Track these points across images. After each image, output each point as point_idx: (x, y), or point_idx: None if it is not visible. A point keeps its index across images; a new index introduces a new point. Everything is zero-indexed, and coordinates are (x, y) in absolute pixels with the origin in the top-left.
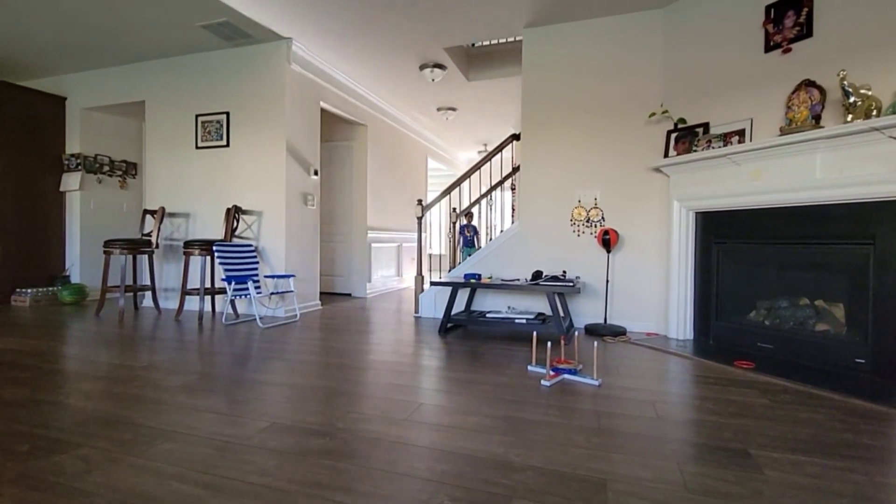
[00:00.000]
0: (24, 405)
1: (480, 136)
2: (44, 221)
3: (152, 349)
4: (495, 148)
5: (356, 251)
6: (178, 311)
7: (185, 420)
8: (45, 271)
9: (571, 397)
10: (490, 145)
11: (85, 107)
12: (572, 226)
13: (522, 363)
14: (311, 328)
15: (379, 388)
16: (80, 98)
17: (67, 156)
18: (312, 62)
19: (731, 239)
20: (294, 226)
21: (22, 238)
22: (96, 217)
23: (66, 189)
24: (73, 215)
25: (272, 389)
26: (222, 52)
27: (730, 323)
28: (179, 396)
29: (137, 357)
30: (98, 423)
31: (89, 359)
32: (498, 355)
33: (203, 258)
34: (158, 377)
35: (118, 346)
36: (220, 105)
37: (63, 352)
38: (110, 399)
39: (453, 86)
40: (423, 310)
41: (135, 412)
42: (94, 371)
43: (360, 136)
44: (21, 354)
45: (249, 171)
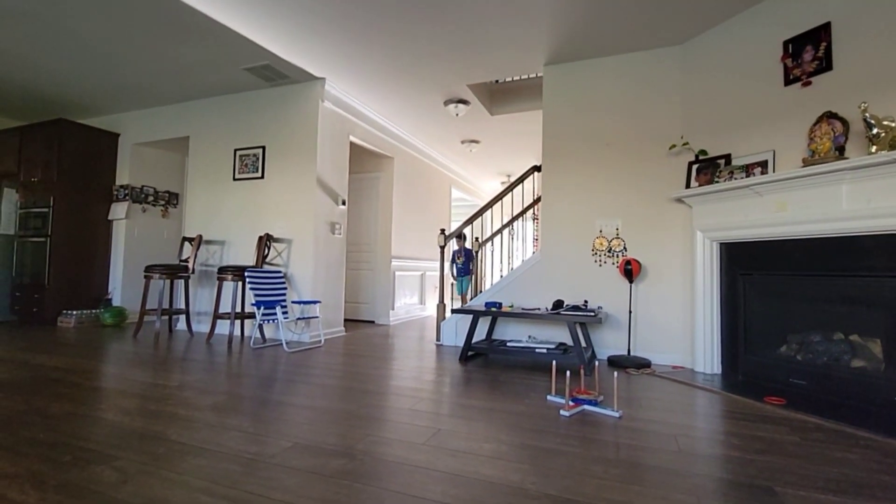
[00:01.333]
0: (67, 419)
1: (503, 167)
2: (92, 248)
3: (185, 370)
4: (517, 179)
5: (380, 279)
6: (210, 335)
7: (214, 437)
8: (90, 294)
9: (591, 428)
10: (513, 176)
11: (135, 142)
12: (594, 255)
13: (542, 393)
14: (334, 353)
15: (399, 413)
16: (132, 134)
17: (117, 187)
18: (343, 99)
19: (757, 270)
20: (321, 253)
21: (71, 264)
22: (139, 244)
23: (113, 218)
24: (118, 242)
25: (295, 411)
26: (261, 91)
27: (760, 357)
28: (209, 415)
29: (171, 377)
30: (133, 437)
31: (127, 377)
32: (518, 384)
33: (235, 283)
34: (190, 396)
35: (153, 367)
36: (256, 140)
37: (103, 370)
38: (145, 415)
39: (477, 119)
40: (444, 338)
41: (168, 428)
42: (130, 389)
43: (386, 168)
44: (65, 372)
45: (281, 201)
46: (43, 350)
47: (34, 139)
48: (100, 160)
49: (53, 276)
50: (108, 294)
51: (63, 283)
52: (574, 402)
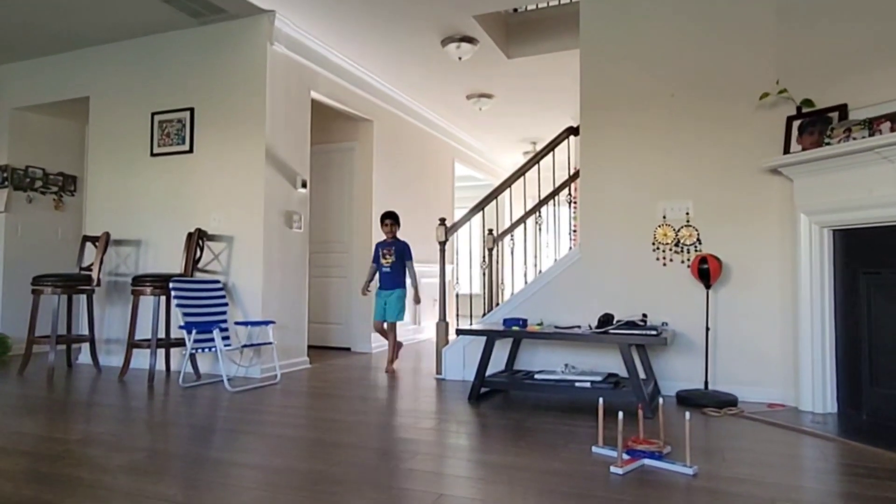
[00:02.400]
0: None
1: (526, 131)
2: None
3: (89, 418)
4: (545, 147)
5: (357, 290)
6: (124, 370)
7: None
8: None
9: (653, 490)
10: (542, 143)
11: (16, 106)
12: (655, 251)
13: (586, 442)
14: (296, 393)
15: (386, 475)
16: (11, 95)
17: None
18: (301, 40)
19: (887, 267)
20: (274, 255)
21: None
22: (23, 246)
23: None
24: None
25: (245, 473)
26: (186, 32)
27: (892, 390)
28: (122, 479)
29: (71, 428)
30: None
31: (9, 429)
32: (551, 431)
33: (156, 299)
34: (97, 454)
35: (46, 414)
36: (182, 100)
37: None
38: (35, 481)
39: (488, 66)
40: (447, 369)
41: (66, 498)
42: (14, 445)
43: (364, 136)
44: None
45: (218, 184)
46: None
47: None
48: None
49: None
50: None
51: None
52: (630, 455)
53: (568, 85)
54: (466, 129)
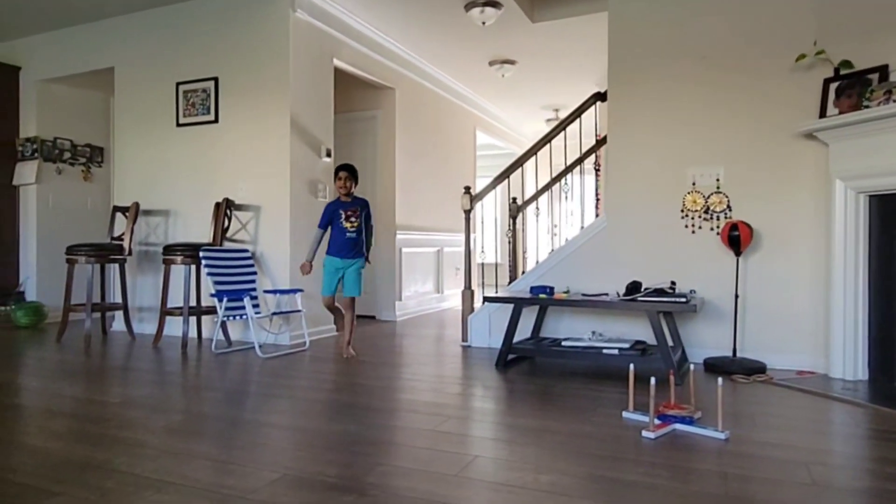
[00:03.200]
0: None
1: (550, 98)
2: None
3: (128, 383)
4: (571, 114)
5: (381, 259)
6: (157, 337)
7: (175, 467)
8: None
9: (686, 454)
10: (564, 111)
11: (42, 78)
12: (684, 218)
13: (615, 408)
14: (324, 359)
15: (418, 436)
16: (37, 67)
17: (22, 140)
18: (324, 7)
19: None
20: (301, 224)
21: None
22: (56, 217)
23: (20, 182)
24: (27, 215)
25: (280, 433)
26: (209, 0)
27: None
28: (166, 439)
29: (111, 392)
30: (73, 467)
31: (55, 393)
32: (579, 396)
33: (187, 268)
34: (138, 416)
35: (87, 379)
36: (206, 69)
37: (23, 385)
38: (84, 440)
39: (512, 30)
40: (473, 336)
41: (114, 456)
42: (61, 407)
43: (386, 104)
44: None
45: (244, 154)
46: None
47: None
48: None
49: None
50: (20, 285)
51: None
52: (661, 420)
53: (593, 49)
54: (488, 97)
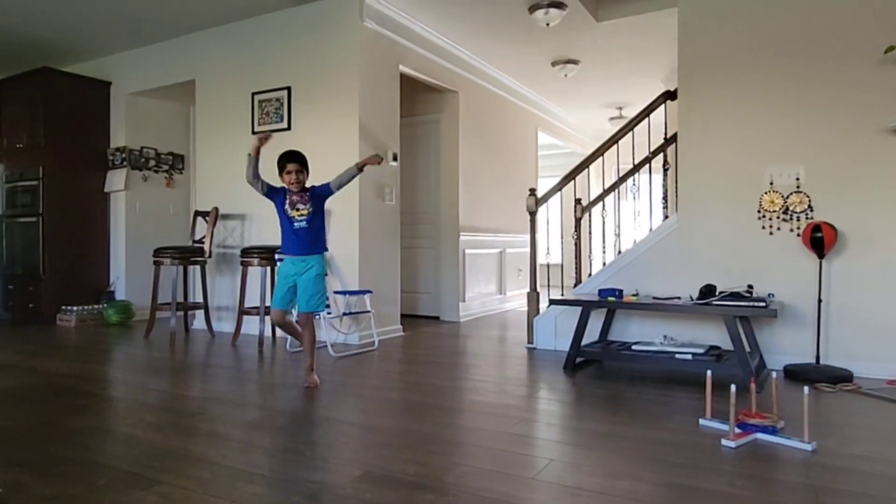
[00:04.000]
0: (92, 434)
1: (613, 96)
2: (89, 228)
3: (213, 379)
4: (641, 112)
5: (445, 260)
6: (236, 335)
7: (265, 461)
8: (90, 286)
9: (770, 465)
10: (628, 109)
11: (130, 91)
12: (761, 219)
13: (690, 414)
14: (393, 359)
15: (492, 438)
16: (126, 81)
17: (112, 150)
18: (390, 15)
19: None
20: (369, 227)
21: (68, 248)
22: (142, 221)
23: (110, 189)
24: (117, 220)
25: (358, 431)
26: (283, 13)
27: None
28: (252, 433)
29: (198, 387)
30: (171, 458)
31: (148, 387)
32: (652, 402)
33: (263, 269)
34: (225, 411)
35: (175, 375)
36: (279, 79)
37: (119, 379)
38: (179, 433)
39: (575, 30)
40: (539, 338)
41: (208, 448)
42: (155, 401)
43: (449, 107)
44: (78, 380)
45: (315, 159)
46: (48, 354)
47: (16, 95)
48: (90, 117)
49: (49, 265)
50: (111, 285)
51: (60, 273)
52: (742, 428)
53: (659, 45)
54: (550, 97)
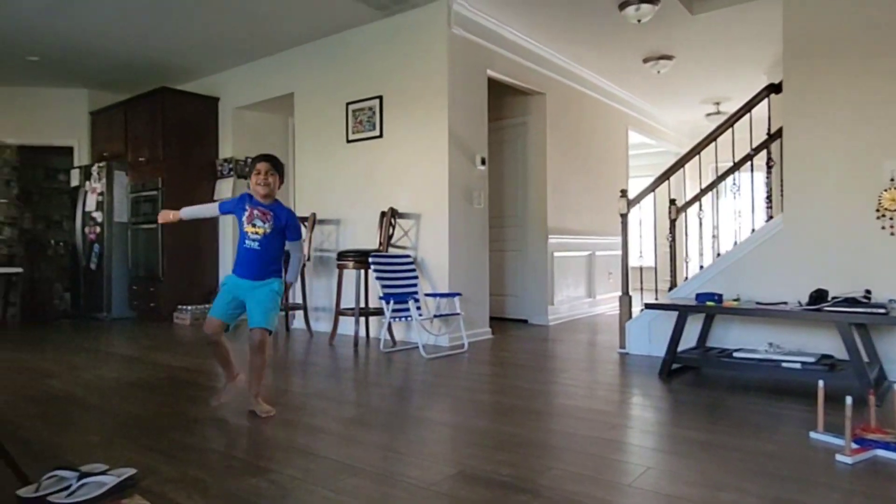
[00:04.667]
0: (209, 424)
1: (710, 90)
2: (200, 234)
3: (313, 376)
4: (742, 107)
5: (533, 263)
6: (332, 335)
7: (364, 455)
8: (202, 288)
9: (892, 484)
10: (726, 104)
11: (236, 106)
12: (880, 219)
13: (800, 426)
14: (483, 361)
15: (585, 442)
16: (232, 96)
17: (221, 161)
18: (478, 21)
19: None
20: (458, 231)
21: (183, 253)
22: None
23: (219, 197)
24: (225, 226)
25: (450, 431)
26: (373, 25)
27: None
28: (352, 429)
29: (301, 384)
30: (278, 448)
31: None
32: (755, 412)
33: (358, 272)
34: (326, 407)
35: (279, 371)
36: (371, 89)
37: None
38: (284, 425)
39: (669, 25)
40: (631, 343)
41: (311, 441)
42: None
43: (536, 110)
44: (194, 374)
45: (404, 165)
46: (167, 349)
47: (138, 114)
48: (201, 130)
49: (167, 268)
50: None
51: (177, 276)
52: (859, 444)
53: (760, 36)
54: (641, 95)
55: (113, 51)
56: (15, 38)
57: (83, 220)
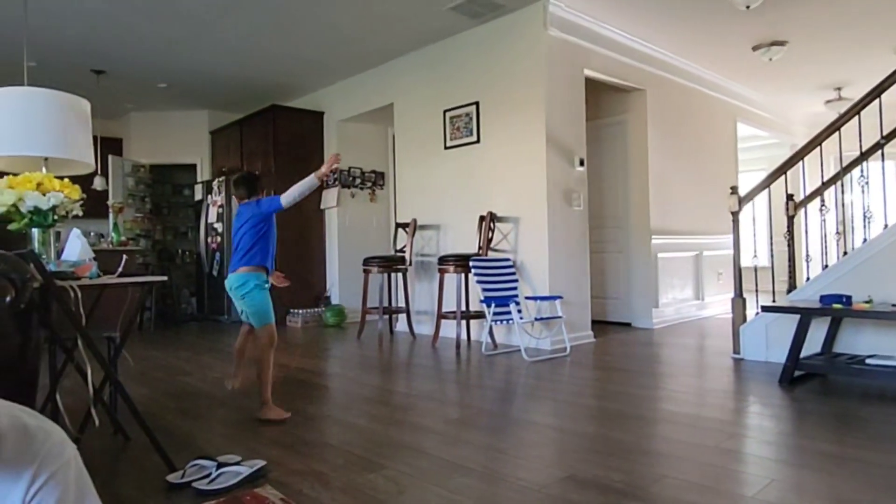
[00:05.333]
0: (326, 422)
1: (830, 75)
2: (309, 242)
3: (419, 377)
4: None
5: (636, 264)
6: (435, 338)
7: (473, 455)
8: (311, 292)
9: None
10: (849, 89)
11: (340, 119)
12: None
13: None
14: (586, 365)
15: (699, 451)
16: (336, 110)
17: None
18: (574, 21)
19: None
20: (557, 233)
21: (294, 260)
22: (350, 234)
23: (325, 207)
24: (331, 234)
25: (557, 435)
26: (468, 33)
27: None
28: (460, 430)
29: (408, 385)
30: (391, 446)
31: (365, 383)
32: (893, 424)
33: (459, 276)
34: (434, 407)
35: (387, 372)
36: (467, 95)
37: (341, 374)
38: (396, 425)
39: (781, 8)
40: (746, 348)
41: (424, 440)
42: (373, 395)
43: (636, 107)
44: (309, 374)
45: (502, 169)
46: (283, 351)
47: (252, 130)
48: (308, 144)
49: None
50: (327, 291)
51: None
52: None
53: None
54: (750, 84)
55: (229, 74)
56: (148, 68)
57: (206, 231)
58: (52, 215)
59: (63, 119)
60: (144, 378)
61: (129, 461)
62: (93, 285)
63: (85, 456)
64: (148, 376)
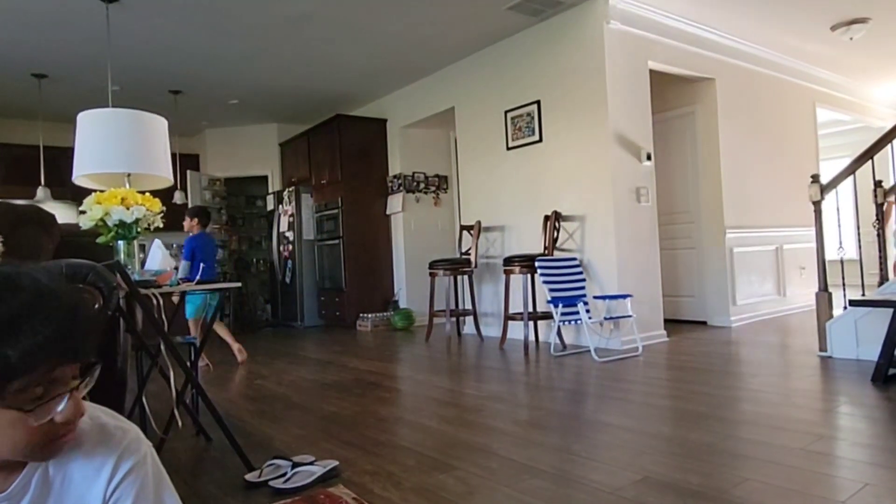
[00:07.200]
0: (397, 423)
1: None
2: (377, 247)
3: (488, 379)
4: None
5: (709, 261)
6: (503, 339)
7: (543, 457)
8: (380, 296)
9: None
10: None
11: (402, 125)
12: None
13: None
14: (659, 365)
15: (784, 454)
16: (398, 117)
17: (391, 177)
18: (636, 12)
19: None
20: (625, 230)
21: (362, 265)
22: (416, 238)
23: (391, 212)
24: (397, 238)
25: (630, 436)
26: (527, 32)
27: None
28: (529, 431)
29: (476, 386)
30: (461, 447)
31: (435, 384)
32: None
33: (524, 276)
34: (503, 409)
35: (456, 374)
36: (528, 95)
37: (411, 376)
38: (465, 426)
39: None
40: (833, 346)
41: (492, 442)
42: (442, 397)
43: (705, 97)
44: (380, 376)
45: (566, 168)
46: (353, 354)
47: (319, 141)
48: (372, 151)
49: (349, 279)
50: (395, 295)
51: (358, 287)
52: None
53: None
54: (829, 66)
55: (296, 87)
56: (220, 86)
57: (278, 240)
58: (135, 228)
59: (143, 137)
60: (223, 382)
61: (210, 460)
62: (173, 292)
63: (169, 456)
64: (228, 381)
